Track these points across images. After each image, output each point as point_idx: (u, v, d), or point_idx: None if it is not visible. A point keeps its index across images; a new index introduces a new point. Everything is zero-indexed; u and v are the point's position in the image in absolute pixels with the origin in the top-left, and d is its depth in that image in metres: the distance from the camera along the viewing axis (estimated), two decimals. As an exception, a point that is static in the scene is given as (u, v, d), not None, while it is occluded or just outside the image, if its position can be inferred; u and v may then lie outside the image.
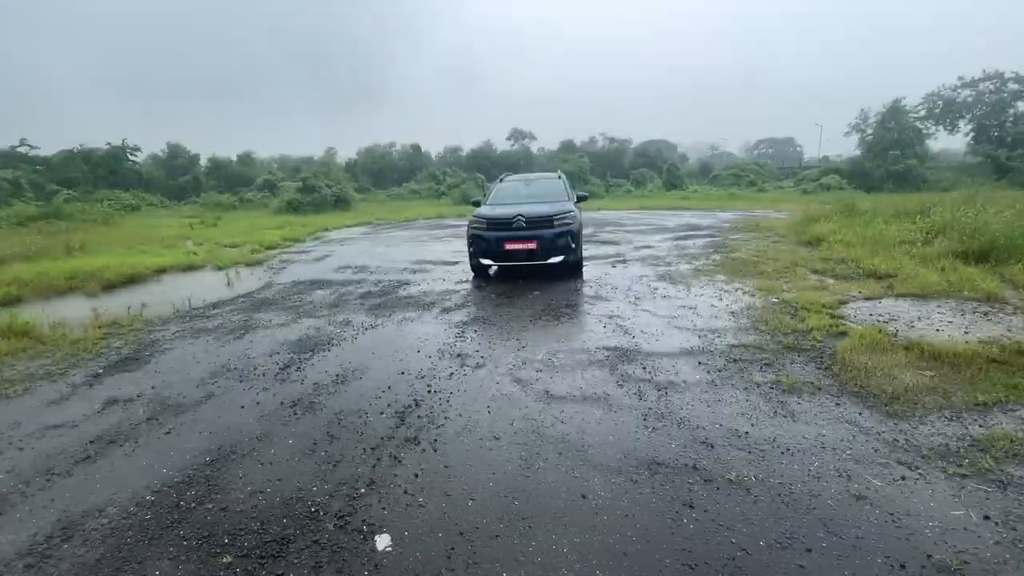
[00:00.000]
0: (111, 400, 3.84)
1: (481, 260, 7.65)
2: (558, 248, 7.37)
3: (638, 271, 8.03)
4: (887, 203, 11.92)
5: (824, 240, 9.11)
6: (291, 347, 4.93)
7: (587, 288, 6.99)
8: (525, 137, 57.86)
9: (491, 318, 5.65)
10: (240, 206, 34.47)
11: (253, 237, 14.71)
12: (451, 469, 2.72)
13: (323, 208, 27.83)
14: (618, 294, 6.50)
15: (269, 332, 5.49)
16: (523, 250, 7.34)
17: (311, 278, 8.71)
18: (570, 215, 7.56)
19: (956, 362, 3.72)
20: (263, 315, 6.25)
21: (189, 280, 9.12)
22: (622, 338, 4.75)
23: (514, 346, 4.68)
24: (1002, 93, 40.77)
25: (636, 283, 7.13)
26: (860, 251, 7.75)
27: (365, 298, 6.96)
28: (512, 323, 5.43)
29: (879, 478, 2.48)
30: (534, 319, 5.56)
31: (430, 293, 7.10)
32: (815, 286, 6.24)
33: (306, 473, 2.74)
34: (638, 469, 2.65)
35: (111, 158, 41.87)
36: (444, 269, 8.98)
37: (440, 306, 6.32)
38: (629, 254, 9.81)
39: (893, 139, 39.28)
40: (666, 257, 9.25)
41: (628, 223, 16.30)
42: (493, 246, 7.45)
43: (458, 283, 7.75)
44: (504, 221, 7.48)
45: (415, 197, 40.59)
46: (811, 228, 10.15)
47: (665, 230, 13.75)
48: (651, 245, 10.88)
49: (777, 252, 8.81)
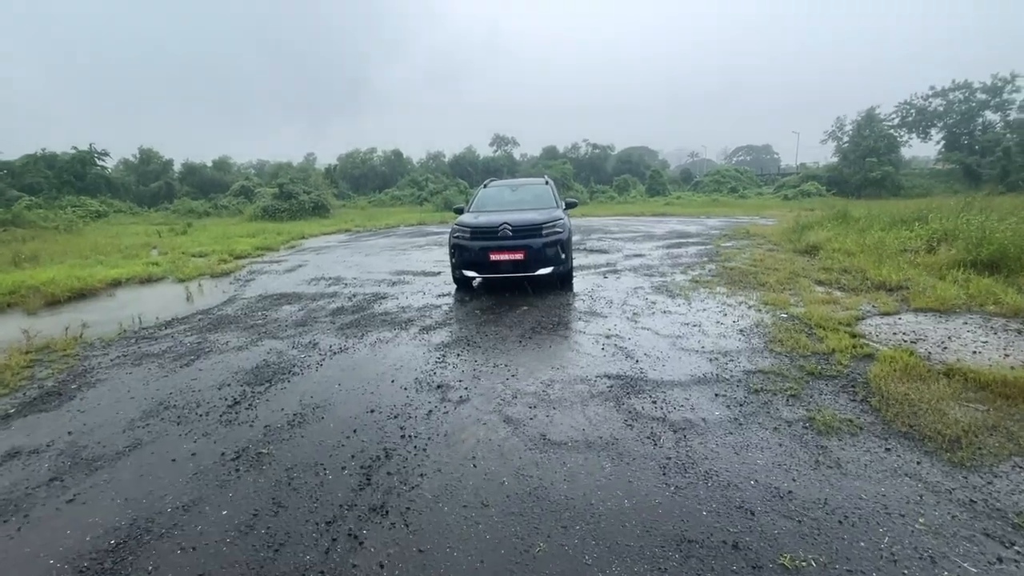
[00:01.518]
0: (12, 453, 3.14)
1: (464, 272, 7.07)
2: (547, 259, 6.83)
3: (632, 282, 7.54)
4: (879, 209, 11.69)
5: (821, 248, 8.75)
6: (245, 377, 4.27)
7: (579, 302, 6.46)
8: (508, 143, 57.54)
9: (476, 339, 5.07)
10: (214, 213, 33.37)
11: (223, 246, 13.89)
12: (427, 555, 2.12)
13: (301, 215, 26.92)
14: (614, 309, 5.97)
15: (223, 358, 4.81)
16: (509, 261, 6.78)
17: (280, 291, 8.01)
18: (559, 223, 7.03)
19: (1008, 392, 3.25)
20: (220, 336, 5.56)
21: (146, 294, 8.34)
22: (624, 363, 4.21)
23: (502, 374, 4.10)
24: (971, 103, 41.94)
25: (631, 296, 6.62)
26: (863, 260, 7.37)
27: (337, 315, 6.31)
28: (499, 345, 4.85)
29: (971, 560, 1.96)
30: (524, 340, 4.99)
31: (409, 308, 6.48)
32: (824, 299, 5.80)
33: (237, 564, 2.11)
34: (665, 551, 2.09)
35: (77, 163, 40.20)
36: (424, 281, 8.37)
37: (419, 324, 5.71)
38: (620, 263, 9.33)
39: (869, 147, 39.99)
40: (659, 267, 8.79)
41: (615, 230, 15.90)
42: (477, 256, 6.87)
43: (440, 297, 7.15)
44: (489, 230, 6.91)
45: (396, 203, 39.86)
46: (806, 236, 9.81)
47: (654, 237, 13.35)
48: (642, 253, 10.42)
49: (775, 261, 8.41)
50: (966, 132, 42.30)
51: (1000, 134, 38.69)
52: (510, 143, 57.43)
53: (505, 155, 55.75)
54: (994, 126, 40.56)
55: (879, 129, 41.68)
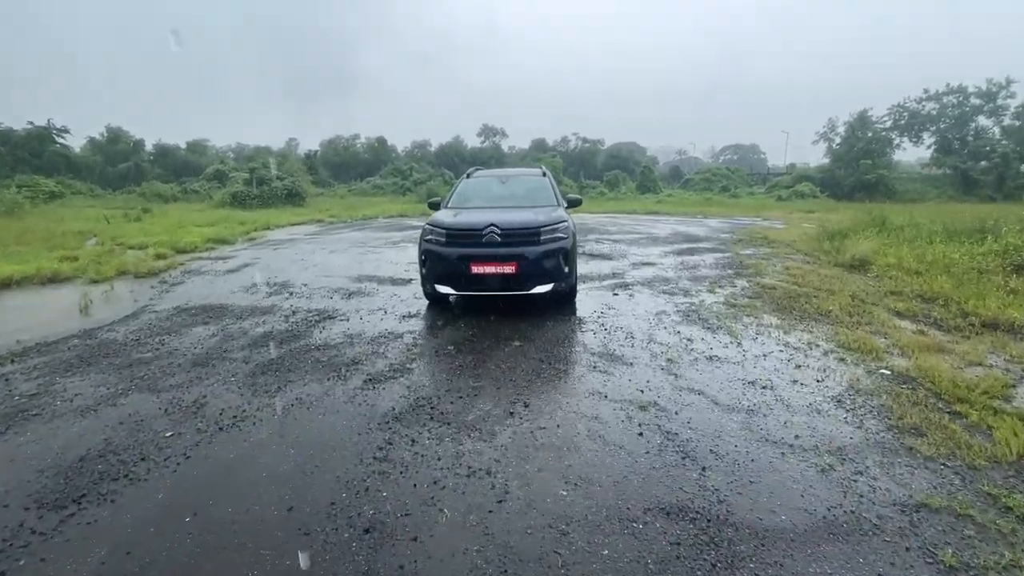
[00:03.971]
0: None
1: (437, 287, 5.39)
2: (546, 273, 5.19)
3: (650, 303, 5.95)
4: (923, 216, 10.27)
5: (872, 263, 7.28)
6: (43, 486, 2.56)
7: (589, 334, 4.84)
8: (496, 134, 55.66)
9: (443, 404, 3.41)
10: (183, 197, 31.05)
11: (173, 236, 11.97)
12: None
13: (273, 202, 24.81)
14: (638, 350, 4.37)
15: (38, 434, 3.07)
16: (497, 275, 5.13)
17: (204, 302, 6.26)
18: (562, 226, 5.40)
19: None
20: (74, 383, 3.82)
21: (36, 300, 6.54)
22: (684, 473, 2.58)
23: (480, 496, 2.45)
24: (964, 107, 41.26)
25: (656, 326, 5.03)
26: (938, 283, 5.90)
27: (258, 346, 4.60)
28: (479, 420, 3.20)
29: None
30: (515, 408, 3.35)
31: (359, 338, 4.79)
32: (924, 343, 4.27)
33: None
34: None
35: (34, 139, 37.31)
36: (390, 292, 6.67)
37: (366, 369, 4.03)
38: (629, 274, 7.74)
39: (863, 149, 39.13)
40: (678, 280, 7.22)
41: (613, 229, 14.32)
42: (454, 268, 5.20)
43: (404, 319, 5.46)
44: (470, 233, 5.26)
45: (378, 193, 37.79)
46: (844, 246, 8.31)
47: (659, 240, 11.79)
48: (651, 261, 8.85)
49: (821, 279, 6.89)
50: (958, 137, 41.68)
51: (995, 140, 38.09)
52: (498, 134, 55.57)
53: (493, 146, 53.85)
54: (987, 131, 39.96)
55: (874, 131, 40.84)
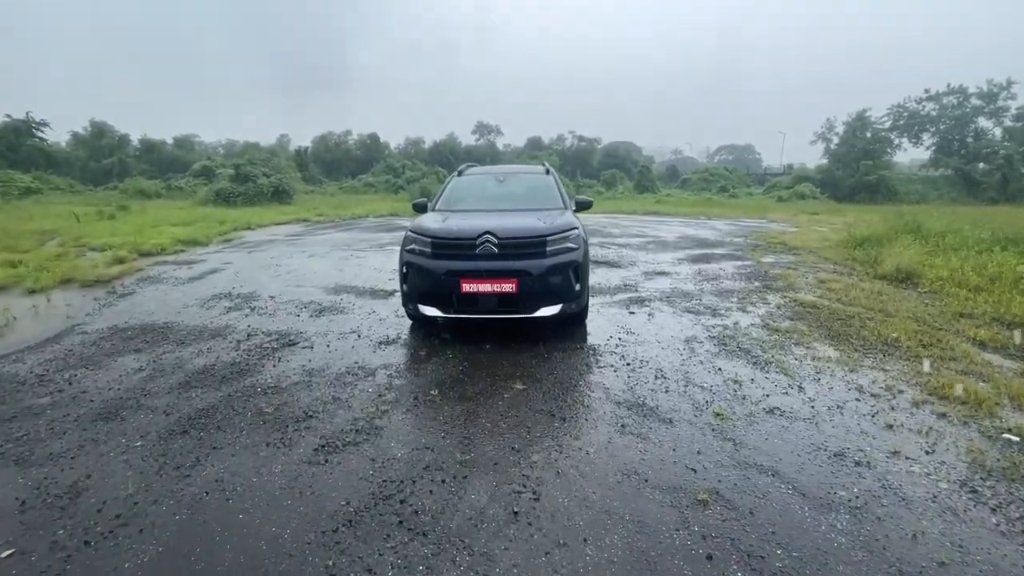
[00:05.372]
0: None
1: (421, 308, 4.42)
2: (552, 292, 4.24)
3: (675, 325, 5.02)
4: (965, 219, 9.39)
5: (919, 277, 6.39)
6: None
7: (609, 372, 3.89)
8: (491, 132, 54.57)
9: (418, 492, 2.44)
10: (167, 194, 29.82)
11: (141, 237, 10.93)
12: None
13: (258, 200, 23.68)
14: (674, 398, 3.42)
15: None
16: (493, 294, 4.17)
17: (147, 320, 5.27)
18: (573, 235, 4.44)
19: None
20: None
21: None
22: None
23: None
24: (964, 108, 40.72)
25: (689, 359, 4.10)
26: (1018, 304, 5.00)
27: (191, 388, 3.62)
28: (468, 529, 2.24)
29: None
30: (520, 506, 2.40)
31: (320, 376, 3.82)
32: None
33: None
34: None
35: (12, 133, 35.88)
36: (368, 308, 5.71)
37: (322, 428, 3.06)
38: (643, 286, 6.81)
39: (863, 149, 38.50)
40: (700, 294, 6.30)
41: (616, 232, 13.41)
42: (441, 285, 4.23)
43: (380, 346, 4.50)
44: (461, 242, 4.30)
45: (370, 191, 36.65)
46: (882, 255, 7.39)
47: (668, 245, 10.87)
48: (665, 270, 7.91)
49: (866, 295, 5.97)
50: (958, 138, 41.14)
51: (997, 141, 37.56)
52: (494, 132, 54.49)
53: (488, 144, 52.79)
54: (987, 133, 39.45)
55: (873, 132, 40.22)
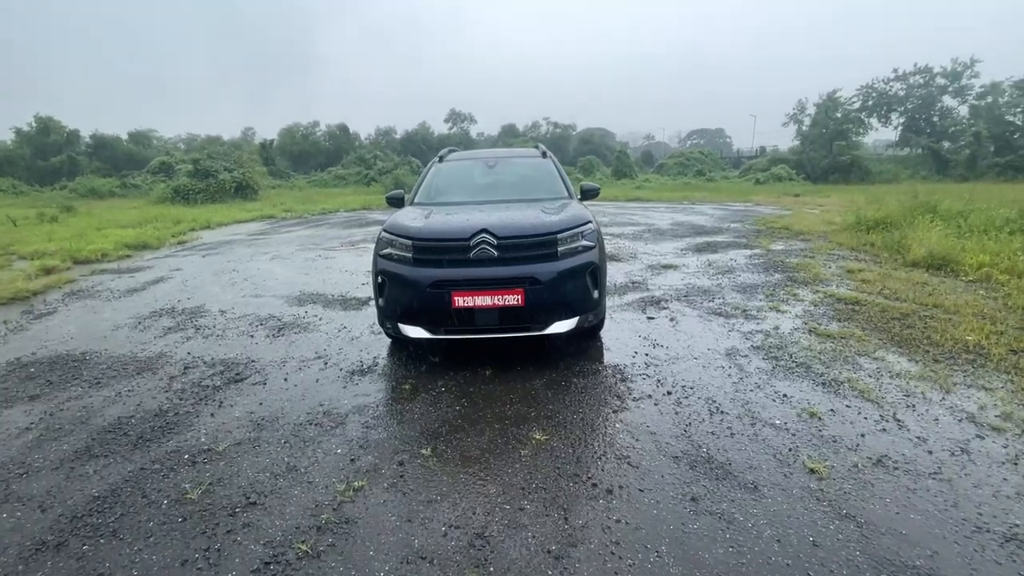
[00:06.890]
0: None
1: (403, 328, 3.51)
2: (567, 302, 3.42)
3: (705, 332, 4.30)
4: (981, 199, 8.93)
5: (957, 263, 5.81)
6: None
7: (649, 405, 3.13)
8: (464, 120, 53.16)
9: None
10: (121, 193, 27.76)
11: (81, 242, 9.71)
12: None
13: (220, 197, 22.07)
14: (745, 444, 2.69)
15: None
16: (494, 309, 3.32)
17: (62, 349, 4.28)
18: (588, 229, 3.62)
19: None
20: None
21: None
22: None
23: None
24: (930, 87, 41.29)
25: (741, 382, 3.36)
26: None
27: (92, 455, 2.74)
28: None
29: None
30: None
31: (272, 428, 2.96)
32: None
33: None
34: None
35: (-57, 131, 32.91)
36: (338, 323, 4.80)
37: (267, 524, 2.25)
38: (652, 282, 6.08)
39: (835, 130, 38.69)
40: (719, 291, 5.60)
41: (604, 220, 12.66)
42: (428, 300, 3.35)
43: (352, 377, 3.62)
44: (451, 243, 3.43)
45: (340, 183, 35.05)
46: (907, 240, 6.75)
47: (665, 233, 10.18)
48: (671, 262, 7.20)
49: (908, 287, 5.36)
50: (924, 117, 41.77)
51: (963, 120, 38.18)
52: (467, 119, 53.09)
53: (462, 132, 51.41)
54: (952, 111, 40.12)
55: (844, 112, 40.41)
